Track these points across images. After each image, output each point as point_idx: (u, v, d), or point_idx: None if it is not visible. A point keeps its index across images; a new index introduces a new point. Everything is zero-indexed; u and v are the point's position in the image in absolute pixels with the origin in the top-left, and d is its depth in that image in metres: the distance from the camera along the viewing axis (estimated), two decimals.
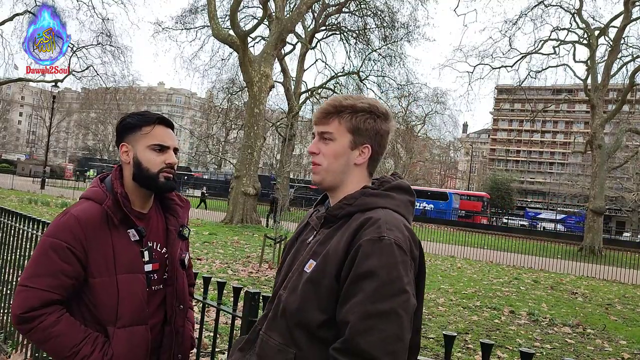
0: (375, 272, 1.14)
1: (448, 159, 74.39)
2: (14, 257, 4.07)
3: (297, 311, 1.22)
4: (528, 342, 6.07)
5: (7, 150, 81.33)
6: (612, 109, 26.25)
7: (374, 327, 1.11)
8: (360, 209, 1.26)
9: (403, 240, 1.18)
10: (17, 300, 1.52)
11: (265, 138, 21.34)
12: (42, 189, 29.43)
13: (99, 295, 1.56)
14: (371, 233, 1.18)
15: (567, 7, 26.35)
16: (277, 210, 11.70)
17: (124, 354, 1.56)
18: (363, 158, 1.33)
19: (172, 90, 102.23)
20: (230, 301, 3.03)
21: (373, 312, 1.12)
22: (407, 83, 33.05)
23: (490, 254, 16.90)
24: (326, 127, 1.33)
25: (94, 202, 1.61)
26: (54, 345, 1.51)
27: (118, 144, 1.71)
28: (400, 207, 1.29)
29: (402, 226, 1.22)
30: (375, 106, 1.34)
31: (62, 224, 1.56)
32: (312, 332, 1.20)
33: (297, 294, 1.23)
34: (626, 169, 46.27)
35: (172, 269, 1.72)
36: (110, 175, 1.70)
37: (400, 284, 1.14)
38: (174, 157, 1.69)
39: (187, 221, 1.86)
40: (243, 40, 17.97)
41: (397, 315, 1.13)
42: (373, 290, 1.13)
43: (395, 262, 1.15)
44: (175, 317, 1.73)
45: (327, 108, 1.34)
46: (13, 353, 3.70)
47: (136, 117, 1.69)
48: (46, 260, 1.52)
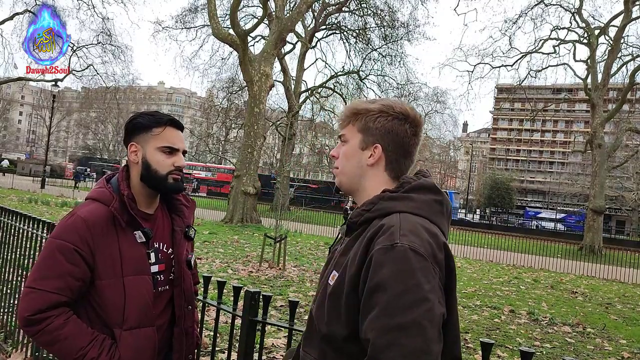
0: (389, 283, 1.07)
1: (448, 158, 74.45)
2: (14, 257, 4.07)
3: (324, 326, 1.19)
4: (528, 341, 6.07)
5: (7, 149, 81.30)
6: (612, 109, 26.22)
7: (394, 342, 1.04)
8: (378, 214, 1.20)
9: (421, 245, 1.10)
10: (23, 302, 1.51)
11: (265, 137, 21.31)
12: (42, 188, 29.41)
13: (106, 297, 1.55)
14: (383, 241, 1.11)
15: (567, 7, 26.38)
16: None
17: (130, 357, 1.55)
18: (374, 159, 1.28)
19: (172, 90, 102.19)
20: (230, 300, 3.04)
21: (392, 326, 1.05)
22: (407, 82, 32.96)
23: (490, 253, 16.89)
24: (343, 130, 1.34)
25: (100, 203, 1.60)
26: (61, 347, 1.51)
27: (126, 143, 1.69)
28: (421, 209, 1.20)
29: (419, 229, 1.14)
30: (390, 106, 1.29)
31: (69, 225, 1.55)
32: (339, 347, 1.17)
33: (323, 308, 1.20)
34: (626, 168, 46.26)
35: (179, 269, 1.73)
36: (117, 175, 1.69)
37: (419, 293, 1.06)
38: (182, 160, 1.69)
39: (193, 221, 1.86)
40: (243, 40, 17.96)
41: (420, 326, 1.04)
42: (389, 302, 1.06)
43: (412, 269, 1.07)
44: (184, 318, 1.73)
45: (344, 112, 1.34)
46: (13, 352, 3.70)
47: (147, 117, 1.67)
48: (53, 262, 1.51)
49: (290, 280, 8.24)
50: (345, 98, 32.29)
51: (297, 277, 8.57)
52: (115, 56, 29.19)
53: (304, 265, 10.16)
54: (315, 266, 10.15)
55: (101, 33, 28.20)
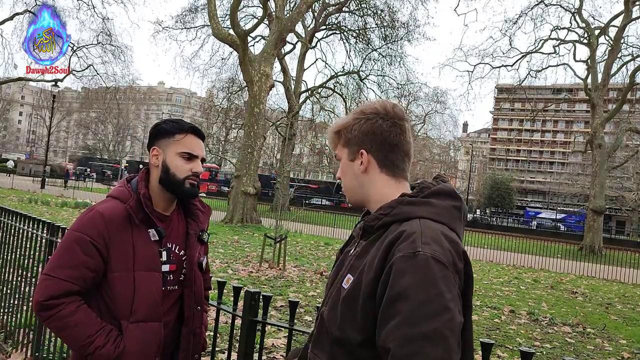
0: (411, 291, 1.05)
1: (448, 159, 74.44)
2: (14, 257, 4.07)
3: (336, 330, 1.18)
4: (528, 341, 6.07)
5: (7, 149, 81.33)
6: (612, 109, 26.24)
7: (417, 352, 1.02)
8: (397, 218, 1.18)
9: (443, 254, 1.09)
10: (39, 288, 1.60)
11: (265, 137, 21.33)
12: (42, 188, 29.42)
13: (116, 290, 1.63)
14: (405, 249, 1.09)
15: (567, 7, 26.42)
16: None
17: (136, 348, 1.62)
18: (364, 164, 1.29)
19: (172, 90, 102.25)
20: (230, 300, 3.04)
21: (414, 336, 1.03)
22: (407, 82, 33.04)
23: (490, 254, 16.90)
24: (335, 151, 1.37)
25: (119, 201, 1.69)
26: (70, 334, 1.59)
27: (149, 147, 1.78)
28: (441, 215, 1.19)
29: (441, 237, 1.12)
30: (360, 111, 1.31)
31: (87, 219, 1.64)
32: (352, 352, 1.16)
33: (336, 311, 1.19)
34: (626, 168, 46.29)
35: (190, 271, 1.79)
36: (137, 176, 1.78)
37: (441, 302, 1.05)
38: (200, 167, 1.77)
39: (207, 226, 1.93)
40: (243, 40, 17.96)
41: (442, 336, 1.03)
42: (411, 311, 1.04)
43: (434, 278, 1.06)
44: (192, 318, 1.80)
45: (329, 136, 1.38)
46: (13, 352, 3.70)
47: (170, 124, 1.77)
48: (70, 252, 1.61)
49: (290, 281, 8.24)
50: (345, 98, 32.34)
51: (297, 277, 8.57)
52: (115, 56, 29.24)
53: (304, 265, 10.16)
54: (315, 266, 10.14)
55: (101, 33, 28.26)
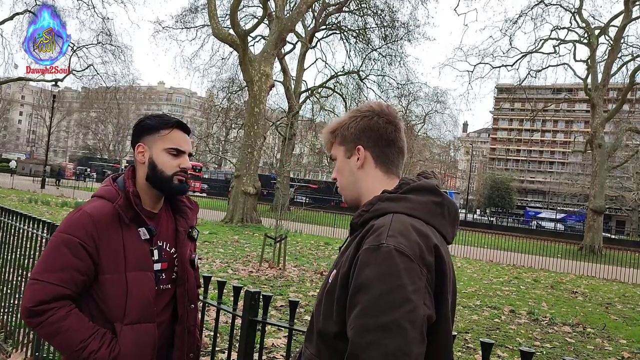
0: (373, 283, 1.07)
1: (448, 158, 74.37)
2: (14, 257, 4.07)
3: (319, 323, 1.22)
4: (528, 341, 6.07)
5: (7, 149, 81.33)
6: (612, 108, 26.22)
7: (374, 342, 1.04)
8: (374, 214, 1.21)
9: (408, 246, 1.09)
10: (27, 293, 1.54)
11: (265, 137, 21.32)
12: (42, 188, 29.41)
13: (108, 292, 1.58)
14: (370, 242, 1.12)
15: (567, 6, 26.39)
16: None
17: (130, 351, 1.58)
18: (360, 160, 1.31)
19: (172, 90, 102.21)
20: (230, 300, 3.04)
21: (372, 326, 1.05)
22: (407, 82, 33.01)
23: (490, 253, 16.90)
24: (330, 152, 1.40)
25: (106, 200, 1.64)
26: (62, 339, 1.53)
27: (134, 144, 1.73)
28: (416, 210, 1.19)
29: (409, 231, 1.13)
30: (356, 110, 1.35)
31: (75, 220, 1.59)
32: (331, 344, 1.19)
33: (321, 305, 1.23)
34: (626, 168, 46.27)
35: (182, 268, 1.76)
36: (123, 174, 1.73)
37: (402, 294, 1.05)
38: (188, 162, 1.72)
39: (195, 223, 1.89)
40: (243, 40, 17.96)
41: (400, 327, 1.03)
42: (371, 302, 1.06)
43: (397, 270, 1.06)
44: (186, 316, 1.77)
45: (324, 136, 1.41)
46: (13, 352, 3.70)
47: (155, 119, 1.72)
48: (58, 255, 1.55)
49: (290, 280, 8.24)
50: (345, 98, 32.30)
51: (297, 277, 8.57)
52: (115, 56, 29.22)
53: (304, 265, 10.16)
54: (315, 266, 10.14)
55: (101, 33, 28.23)
